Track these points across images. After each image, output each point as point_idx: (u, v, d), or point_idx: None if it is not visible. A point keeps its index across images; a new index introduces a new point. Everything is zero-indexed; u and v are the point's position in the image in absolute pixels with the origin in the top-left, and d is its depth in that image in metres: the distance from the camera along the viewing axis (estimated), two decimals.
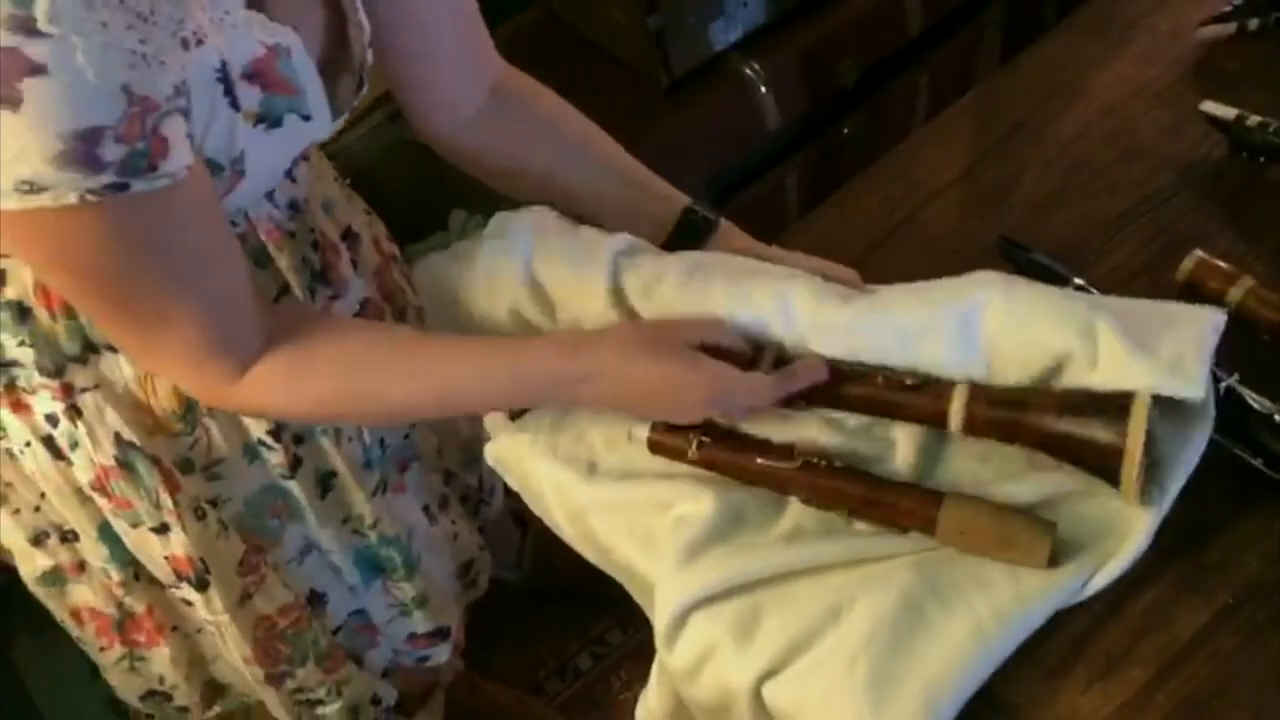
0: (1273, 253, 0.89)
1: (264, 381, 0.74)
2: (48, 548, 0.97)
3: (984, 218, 0.91)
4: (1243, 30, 1.02)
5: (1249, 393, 0.77)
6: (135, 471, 0.87)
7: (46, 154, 0.57)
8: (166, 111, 0.61)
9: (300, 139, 0.77)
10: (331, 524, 0.99)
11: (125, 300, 0.68)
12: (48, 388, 0.83)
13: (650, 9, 1.63)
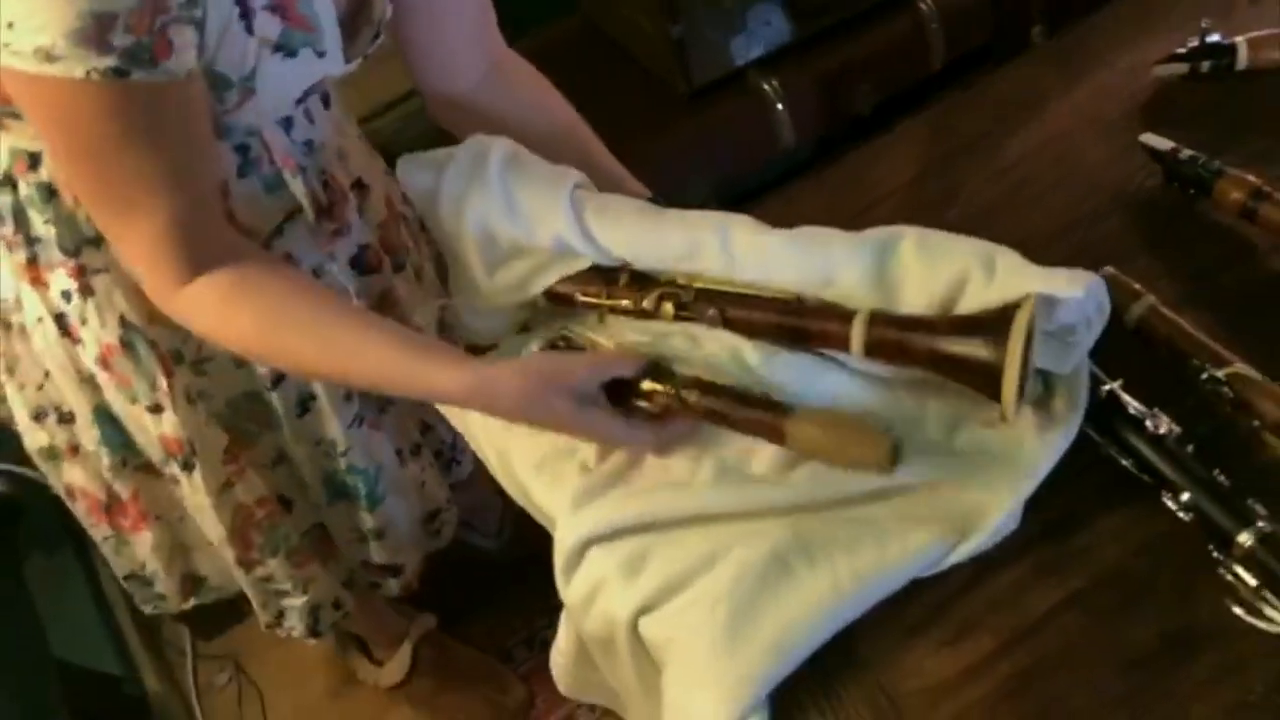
0: (1187, 278, 0.94)
1: (199, 298, 0.81)
2: (46, 426, 1.06)
3: (927, 216, 0.96)
4: (1195, 72, 1.06)
5: (1128, 398, 0.82)
6: (135, 351, 0.96)
7: (65, 28, 0.65)
8: (176, 17, 0.70)
9: (313, 71, 0.86)
10: (305, 443, 1.08)
11: (104, 177, 0.76)
12: (64, 265, 0.92)
13: (673, 18, 1.71)
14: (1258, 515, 0.75)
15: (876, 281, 0.82)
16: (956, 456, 0.81)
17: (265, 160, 0.93)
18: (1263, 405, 0.82)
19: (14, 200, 0.89)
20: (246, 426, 1.06)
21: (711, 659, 0.73)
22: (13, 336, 0.99)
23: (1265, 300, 0.92)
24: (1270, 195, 0.93)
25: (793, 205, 1.04)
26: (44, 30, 0.66)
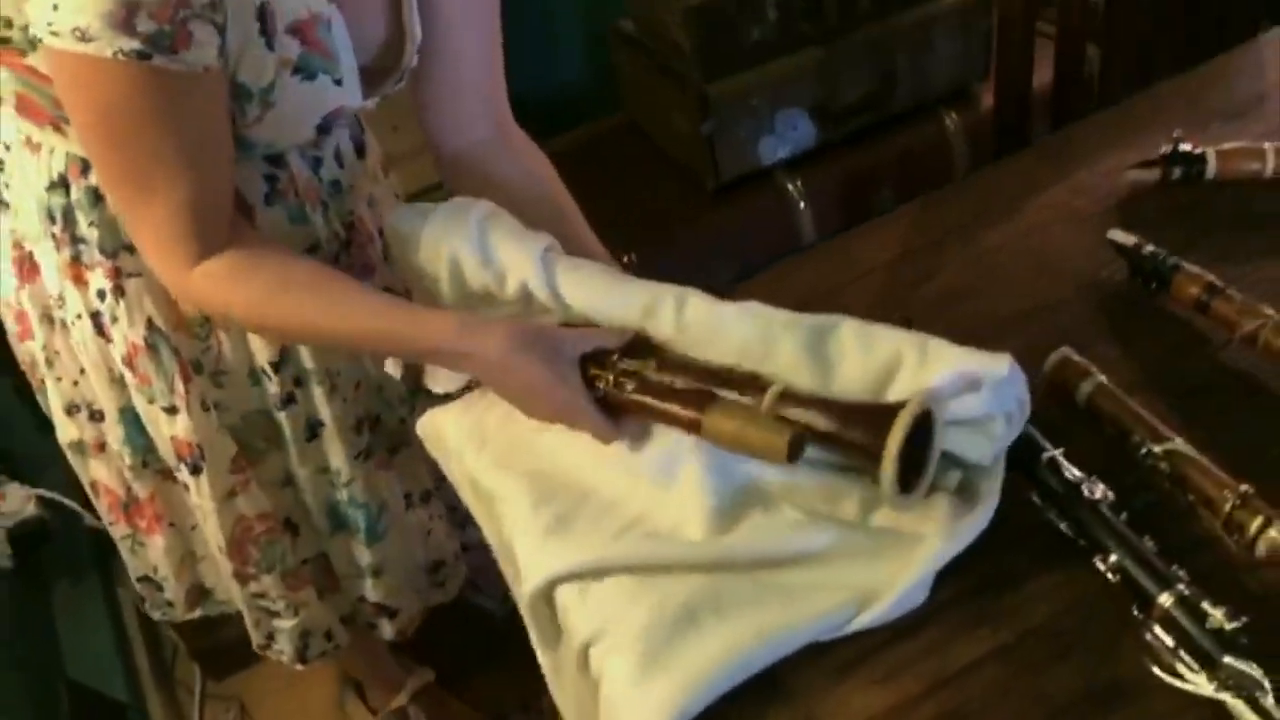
0: (1143, 364, 0.99)
1: (210, 276, 0.89)
2: (77, 420, 1.14)
3: (895, 301, 1.03)
4: (1166, 178, 1.13)
5: (1067, 465, 0.87)
6: (158, 354, 1.04)
7: (99, 10, 0.75)
8: (197, 14, 0.79)
9: (330, 98, 0.94)
10: (310, 468, 1.14)
11: (125, 155, 0.84)
12: (103, 266, 1.00)
13: (704, 116, 1.81)
14: (1179, 579, 0.79)
15: (814, 359, 0.88)
16: (870, 533, 0.86)
17: (291, 192, 1.02)
18: (1197, 480, 0.86)
19: (65, 202, 0.98)
20: (256, 443, 1.13)
21: (628, 693, 0.78)
22: (55, 331, 1.08)
23: (1216, 387, 0.96)
24: (1223, 291, 0.98)
25: (782, 279, 1.11)
26: (82, 12, 0.75)
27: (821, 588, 0.83)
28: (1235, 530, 0.83)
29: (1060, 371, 0.96)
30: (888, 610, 0.81)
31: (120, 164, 0.86)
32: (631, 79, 2.06)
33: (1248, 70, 1.29)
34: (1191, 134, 1.15)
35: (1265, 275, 1.02)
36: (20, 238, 1.03)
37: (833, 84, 1.89)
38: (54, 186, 0.98)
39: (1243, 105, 1.23)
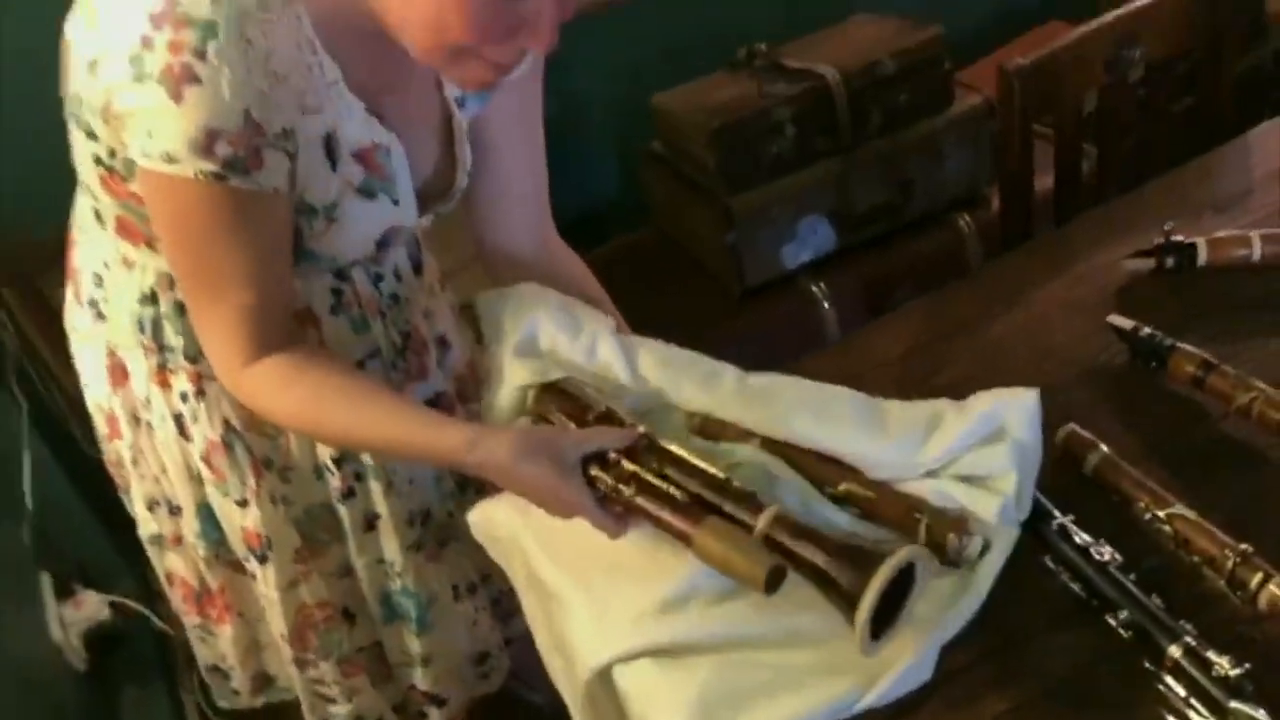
0: (1144, 436, 1.05)
1: (260, 377, 0.98)
2: (157, 515, 1.22)
3: (908, 390, 1.10)
4: (1161, 266, 1.21)
5: (1077, 530, 0.94)
6: (233, 451, 1.13)
7: (185, 137, 0.85)
8: (270, 142, 0.89)
9: (389, 216, 1.04)
10: (367, 558, 1.22)
11: (199, 262, 0.95)
12: (186, 370, 1.10)
13: (728, 227, 1.93)
14: (1186, 632, 0.85)
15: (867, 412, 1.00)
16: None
17: (354, 304, 1.11)
18: (1199, 542, 0.92)
19: (155, 313, 1.08)
20: (319, 535, 1.21)
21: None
22: (140, 431, 1.17)
23: (1214, 457, 1.03)
24: (1217, 367, 1.06)
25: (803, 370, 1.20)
26: (170, 139, 0.86)
27: (829, 670, 0.88)
28: (1238, 587, 0.89)
29: (1068, 444, 1.03)
30: (890, 690, 0.86)
31: (194, 269, 0.97)
32: (662, 195, 2.19)
33: (1235, 165, 1.38)
34: (1183, 226, 1.23)
35: (1256, 353, 1.10)
36: (114, 346, 1.13)
37: (849, 193, 2.00)
38: (145, 300, 1.08)
39: (1231, 198, 1.32)
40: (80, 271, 1.13)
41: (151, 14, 0.83)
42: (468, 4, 0.83)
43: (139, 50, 0.83)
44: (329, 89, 0.93)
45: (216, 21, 0.83)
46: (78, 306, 1.16)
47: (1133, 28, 1.43)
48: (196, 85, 0.83)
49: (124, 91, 0.85)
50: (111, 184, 0.98)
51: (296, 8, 0.89)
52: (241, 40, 0.84)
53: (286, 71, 0.88)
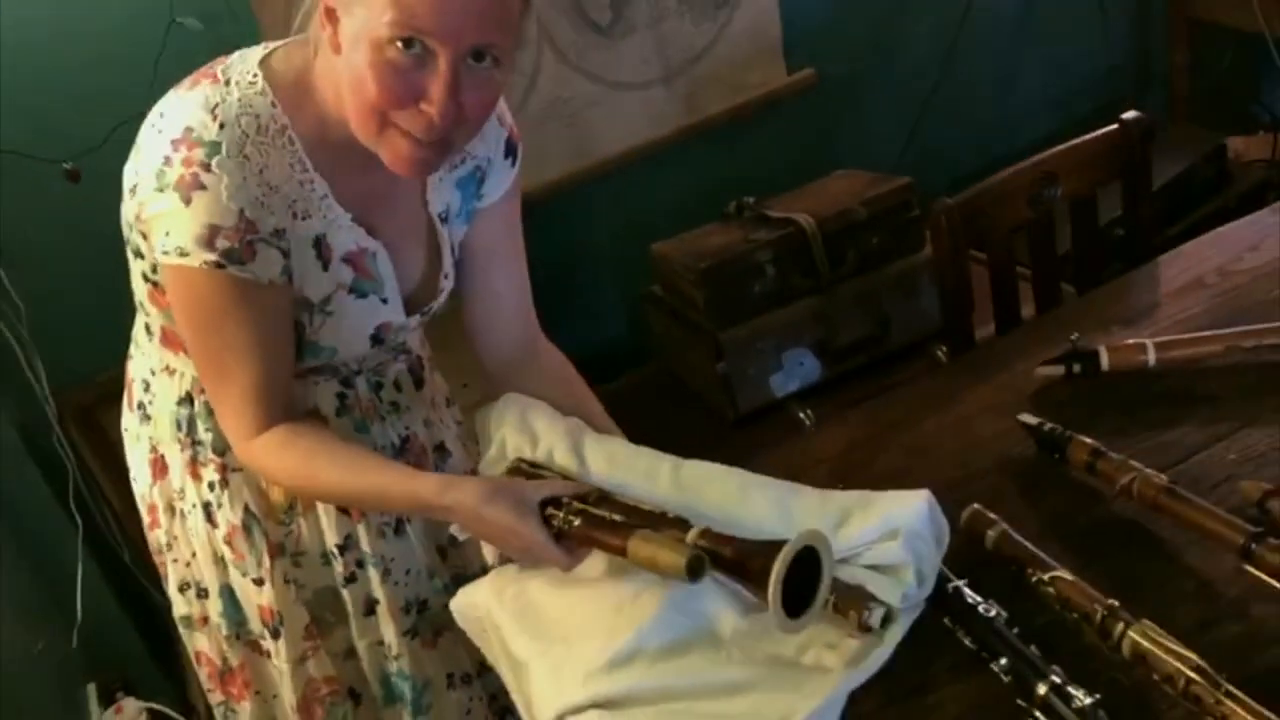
0: (1045, 516, 1.19)
1: (264, 446, 1.15)
2: (187, 597, 1.37)
3: (845, 480, 1.25)
4: (1070, 371, 1.36)
5: (969, 591, 1.07)
6: (251, 534, 1.28)
7: (192, 233, 1.04)
8: (263, 238, 1.07)
9: (379, 313, 1.21)
10: (367, 639, 1.36)
11: (209, 344, 1.12)
12: (214, 462, 1.26)
13: (718, 358, 2.11)
14: (1053, 672, 0.97)
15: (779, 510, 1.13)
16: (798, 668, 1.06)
17: (356, 408, 1.29)
18: (1076, 599, 1.05)
19: (190, 413, 1.26)
20: (326, 616, 1.35)
21: None
22: (175, 520, 1.33)
23: (1103, 531, 1.16)
24: (1105, 454, 1.19)
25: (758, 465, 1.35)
26: (182, 235, 1.05)
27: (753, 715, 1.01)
28: (1105, 636, 1.01)
29: (972, 522, 1.17)
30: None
31: (205, 349, 1.13)
32: (662, 332, 2.39)
33: (1145, 285, 1.54)
34: (1094, 338, 1.39)
35: (1148, 444, 1.24)
36: (156, 443, 1.31)
37: (831, 328, 2.18)
38: (182, 401, 1.26)
39: (1139, 313, 1.48)
40: (133, 381, 1.33)
41: (172, 139, 1.05)
42: (377, 66, 1.00)
43: (162, 167, 1.05)
44: (320, 201, 1.13)
45: (221, 142, 1.05)
46: (129, 411, 1.35)
47: (1050, 168, 1.62)
48: (202, 191, 1.04)
49: (150, 201, 1.06)
50: (157, 297, 1.18)
51: (289, 133, 1.09)
52: (240, 156, 1.06)
53: (279, 183, 1.09)
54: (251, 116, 1.07)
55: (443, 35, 0.99)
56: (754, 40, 2.53)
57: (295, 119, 1.10)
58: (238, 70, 1.10)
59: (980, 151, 2.81)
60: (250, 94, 1.08)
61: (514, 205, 1.32)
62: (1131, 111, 1.69)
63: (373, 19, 0.99)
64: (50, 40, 1.96)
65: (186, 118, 1.06)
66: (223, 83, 1.08)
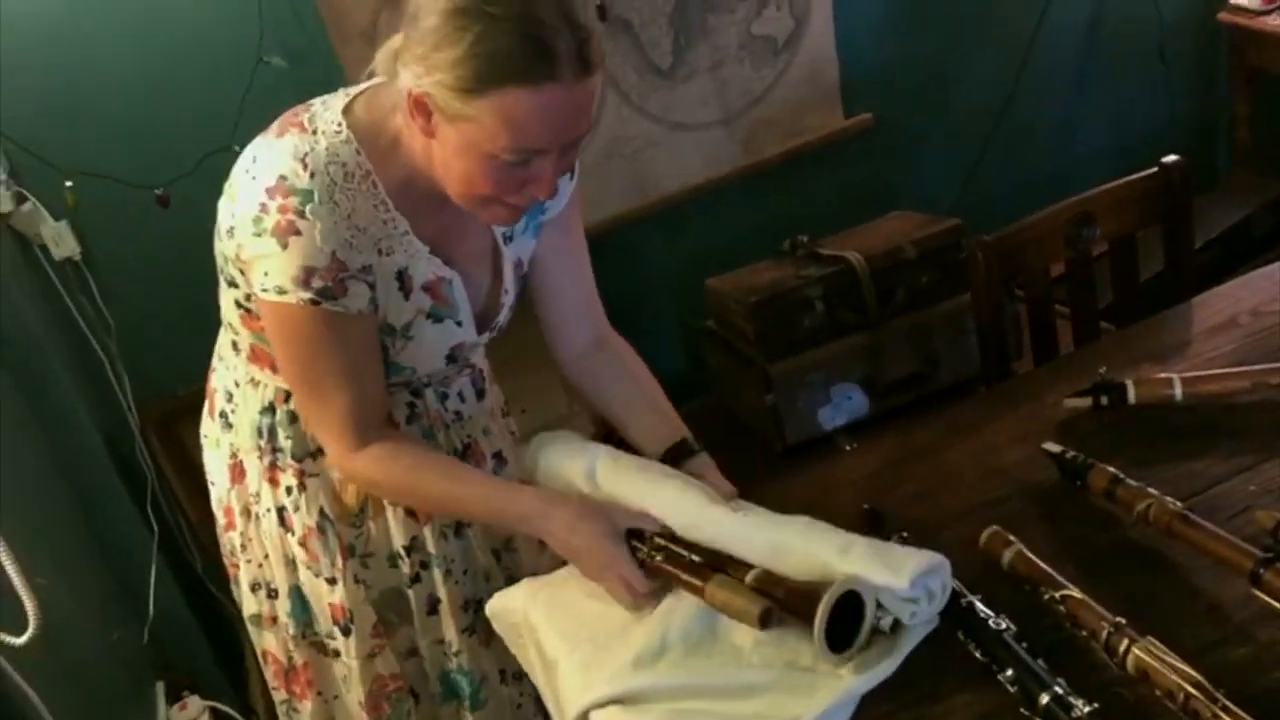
0: (1063, 540, 1.22)
1: (365, 458, 1.24)
2: (258, 597, 1.46)
3: (878, 498, 1.31)
4: (1097, 403, 1.40)
5: (980, 605, 1.11)
6: (325, 536, 1.37)
7: (290, 274, 1.14)
8: (352, 275, 1.17)
9: (454, 335, 1.30)
10: (429, 638, 1.44)
11: (306, 373, 1.23)
12: (292, 468, 1.36)
13: (767, 390, 2.17)
14: (1056, 683, 1.01)
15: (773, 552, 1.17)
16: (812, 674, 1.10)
17: (424, 416, 1.38)
18: (1084, 616, 1.08)
19: (271, 422, 1.35)
20: (390, 616, 1.43)
21: None
22: (250, 522, 1.42)
23: (1118, 554, 1.19)
24: (1123, 480, 1.23)
25: (787, 486, 1.41)
26: (279, 276, 1.15)
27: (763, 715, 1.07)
28: (1112, 652, 1.04)
29: (989, 543, 1.21)
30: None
31: (303, 378, 1.24)
32: (715, 365, 2.46)
33: (1177, 325, 1.57)
34: (1125, 373, 1.42)
35: (1169, 474, 1.26)
36: (236, 449, 1.41)
37: (879, 364, 2.23)
38: (265, 410, 1.36)
39: (1170, 350, 1.50)
40: (216, 391, 1.43)
41: (266, 187, 1.15)
42: (488, 168, 1.11)
43: (259, 214, 1.14)
44: (401, 237, 1.22)
45: (312, 190, 1.14)
46: (210, 419, 1.45)
47: (1088, 209, 1.66)
48: (297, 236, 1.14)
49: (249, 244, 1.16)
50: (249, 321, 1.28)
51: (373, 178, 1.19)
52: (330, 202, 1.15)
53: (365, 224, 1.19)
54: (339, 165, 1.16)
55: (551, 146, 1.11)
56: (812, 84, 2.61)
57: (379, 166, 1.19)
58: (323, 119, 1.18)
59: (1037, 198, 2.82)
60: (336, 143, 1.17)
61: (575, 211, 1.40)
62: (1172, 156, 1.72)
63: (484, 140, 1.08)
64: (146, 76, 2.12)
65: (279, 166, 1.15)
66: (309, 132, 1.17)
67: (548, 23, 1.03)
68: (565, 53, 1.04)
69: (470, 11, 1.03)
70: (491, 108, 1.05)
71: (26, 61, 2.02)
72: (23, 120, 2.03)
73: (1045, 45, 2.86)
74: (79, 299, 2.14)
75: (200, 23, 2.11)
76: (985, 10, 2.80)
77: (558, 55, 1.04)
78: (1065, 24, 2.88)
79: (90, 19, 2.05)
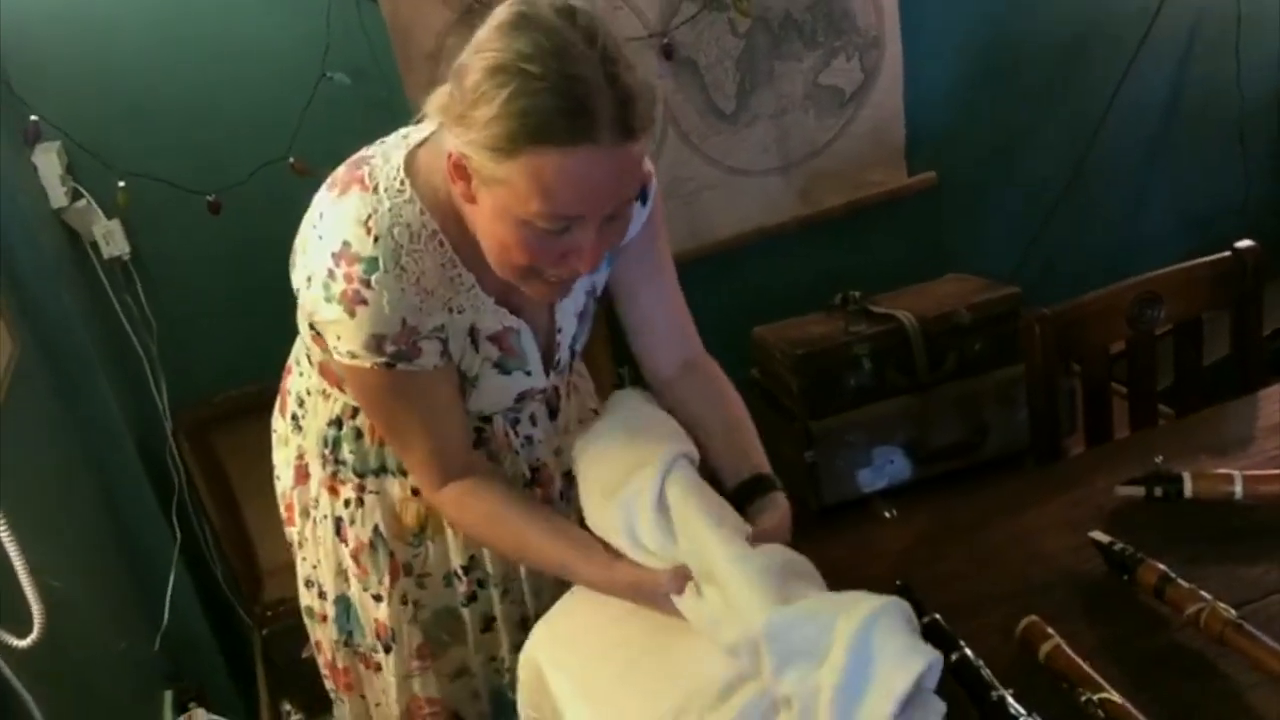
0: (1106, 637, 1.16)
1: (448, 497, 1.24)
2: (311, 593, 1.46)
3: (913, 574, 1.25)
4: (1150, 494, 1.33)
5: (1012, 701, 1.05)
6: (376, 552, 1.36)
7: (360, 341, 1.13)
8: (425, 336, 1.15)
9: (521, 383, 1.29)
10: (482, 655, 1.42)
11: (389, 424, 1.24)
12: (352, 483, 1.35)
13: (807, 446, 2.11)
14: None
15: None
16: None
17: (491, 441, 1.35)
18: None
19: (337, 434, 1.34)
20: (441, 636, 1.41)
21: None
22: (308, 523, 1.42)
23: (1164, 659, 1.12)
24: (1174, 580, 1.16)
25: (821, 549, 1.35)
26: (351, 342, 1.14)
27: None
28: None
29: (1027, 634, 1.15)
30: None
31: (387, 427, 1.26)
32: (756, 417, 2.38)
33: (1241, 417, 1.50)
34: (1180, 464, 1.35)
35: (1225, 578, 1.19)
36: (303, 451, 1.41)
37: (925, 429, 2.16)
38: (332, 423, 1.35)
39: (1230, 445, 1.43)
40: (289, 393, 1.42)
41: (333, 253, 1.12)
42: (523, 236, 1.07)
43: (327, 279, 1.12)
44: (468, 292, 1.20)
45: (377, 257, 1.11)
46: (281, 418, 1.45)
47: (1154, 289, 1.60)
48: (364, 305, 1.12)
49: (319, 308, 1.14)
50: (318, 342, 1.25)
51: (439, 237, 1.16)
52: (397, 268, 1.12)
53: (434, 286, 1.16)
54: (403, 226, 1.13)
55: (589, 213, 1.06)
56: (877, 139, 2.57)
57: (444, 221, 1.15)
58: (383, 175, 1.14)
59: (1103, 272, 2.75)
60: (399, 203, 1.13)
61: (653, 234, 1.35)
62: (1246, 241, 1.66)
63: (516, 205, 1.04)
64: (208, 82, 2.13)
65: (343, 231, 1.11)
66: (371, 190, 1.13)
67: (588, 81, 0.98)
68: (604, 113, 0.99)
69: (508, 69, 0.99)
70: (524, 170, 1.00)
71: (90, 61, 2.04)
72: (83, 119, 2.05)
73: (1119, 119, 2.80)
74: (124, 298, 2.15)
75: (267, 33, 2.12)
76: (1060, 80, 2.75)
77: (596, 116, 0.99)
78: (1142, 100, 2.82)
79: (157, 23, 2.07)
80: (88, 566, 1.84)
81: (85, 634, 1.67)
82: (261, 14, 2.11)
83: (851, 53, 2.48)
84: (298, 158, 2.08)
